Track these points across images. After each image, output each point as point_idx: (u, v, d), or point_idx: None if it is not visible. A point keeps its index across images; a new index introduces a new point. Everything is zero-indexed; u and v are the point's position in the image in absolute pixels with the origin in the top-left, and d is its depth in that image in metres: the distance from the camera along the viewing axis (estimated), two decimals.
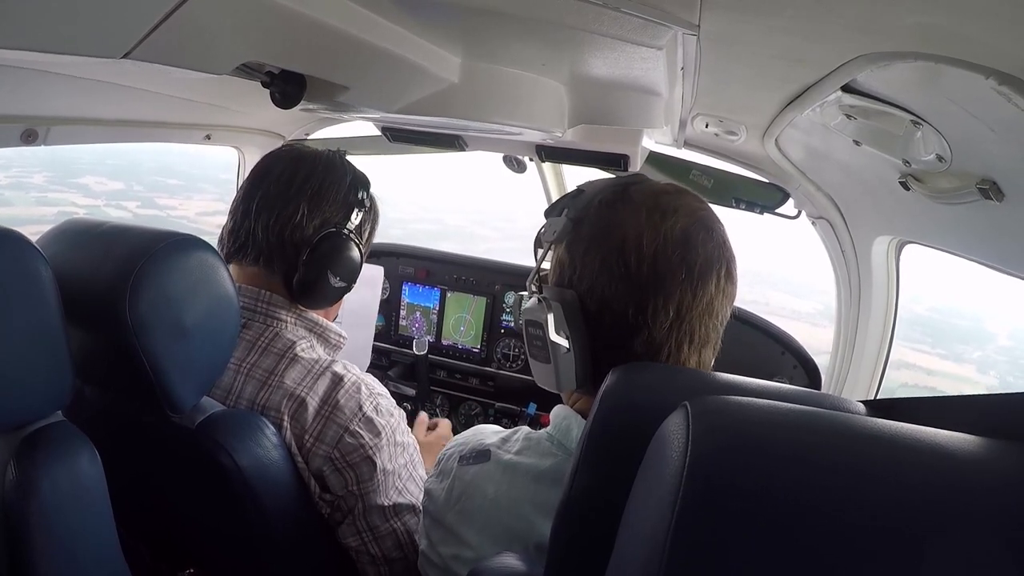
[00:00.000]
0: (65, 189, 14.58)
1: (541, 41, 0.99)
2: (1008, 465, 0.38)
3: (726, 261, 0.80)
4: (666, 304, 0.76)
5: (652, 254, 0.76)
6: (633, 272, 0.76)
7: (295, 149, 1.19)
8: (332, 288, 1.14)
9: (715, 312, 0.79)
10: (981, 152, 0.81)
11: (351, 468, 1.07)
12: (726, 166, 1.76)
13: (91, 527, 0.85)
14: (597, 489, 0.58)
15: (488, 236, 19.07)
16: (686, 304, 0.76)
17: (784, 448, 0.39)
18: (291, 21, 0.78)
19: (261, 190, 1.11)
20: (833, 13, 0.64)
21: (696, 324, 0.77)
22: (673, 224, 0.77)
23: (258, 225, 1.10)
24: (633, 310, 0.76)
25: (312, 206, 1.11)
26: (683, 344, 0.78)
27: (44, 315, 0.79)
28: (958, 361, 11.14)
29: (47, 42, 0.60)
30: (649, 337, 0.77)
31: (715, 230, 0.80)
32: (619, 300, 0.76)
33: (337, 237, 1.13)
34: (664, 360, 0.78)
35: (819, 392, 0.71)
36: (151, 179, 17.13)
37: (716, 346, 0.82)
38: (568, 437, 0.82)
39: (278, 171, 1.12)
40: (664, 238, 0.76)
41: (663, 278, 0.76)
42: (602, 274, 0.77)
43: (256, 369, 1.08)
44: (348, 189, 1.16)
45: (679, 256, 0.76)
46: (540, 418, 2.12)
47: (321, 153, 1.17)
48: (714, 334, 0.81)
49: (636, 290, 0.76)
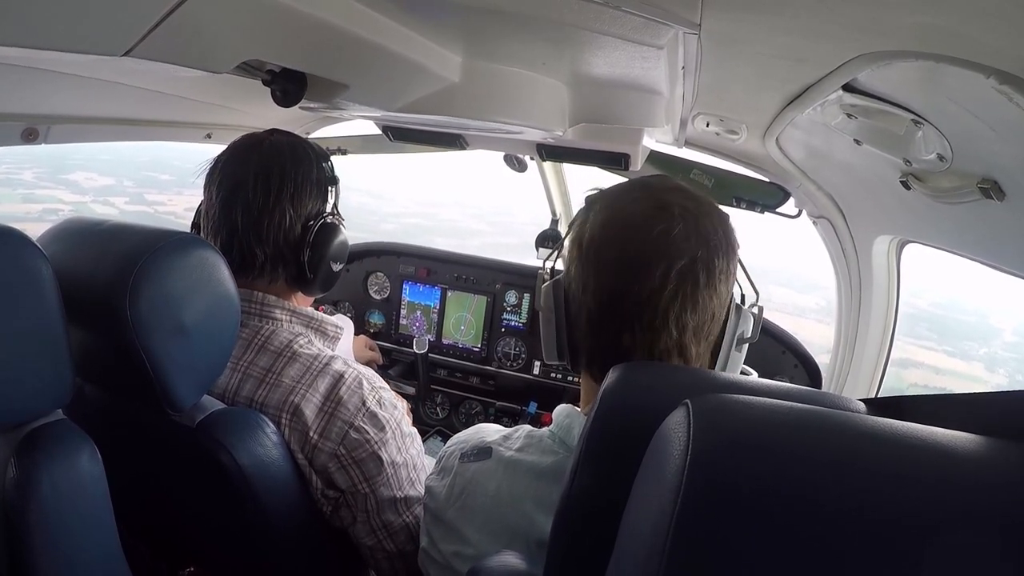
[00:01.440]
0: (54, 185, 14.33)
1: (542, 40, 0.99)
2: (1008, 464, 0.38)
3: (710, 256, 0.77)
4: (639, 292, 0.76)
5: (633, 249, 0.77)
6: (611, 262, 0.79)
7: (253, 143, 1.13)
8: (333, 273, 1.19)
9: (699, 303, 0.77)
10: (982, 151, 0.81)
11: (357, 465, 1.07)
12: (727, 165, 1.76)
13: (91, 525, 0.85)
14: (598, 487, 0.58)
15: (483, 231, 18.83)
16: (657, 293, 0.75)
17: (785, 446, 0.39)
18: (292, 19, 0.78)
19: (240, 203, 1.08)
20: (834, 12, 0.64)
21: (668, 314, 0.76)
22: (655, 218, 0.78)
23: (250, 240, 1.09)
24: (607, 297, 0.79)
25: (296, 205, 1.11)
26: (660, 331, 0.77)
27: (45, 313, 0.79)
28: (966, 359, 10.75)
29: (48, 39, 0.60)
30: (623, 321, 0.78)
31: (703, 226, 0.78)
32: (596, 290, 0.80)
33: (326, 227, 1.15)
34: (648, 345, 0.78)
35: (820, 391, 0.71)
36: (143, 174, 16.88)
37: (709, 337, 0.80)
38: (570, 435, 0.82)
39: (251, 178, 1.09)
40: (642, 231, 0.77)
41: (637, 269, 0.76)
42: (576, 272, 0.82)
43: (253, 367, 1.08)
44: (317, 172, 1.15)
45: (652, 249, 0.76)
46: (541, 417, 2.12)
47: (282, 143, 1.14)
48: (702, 327, 0.79)
49: (610, 279, 0.78)
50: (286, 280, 1.15)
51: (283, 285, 1.15)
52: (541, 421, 2.10)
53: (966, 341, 11.30)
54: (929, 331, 10.53)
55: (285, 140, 1.15)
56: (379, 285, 2.37)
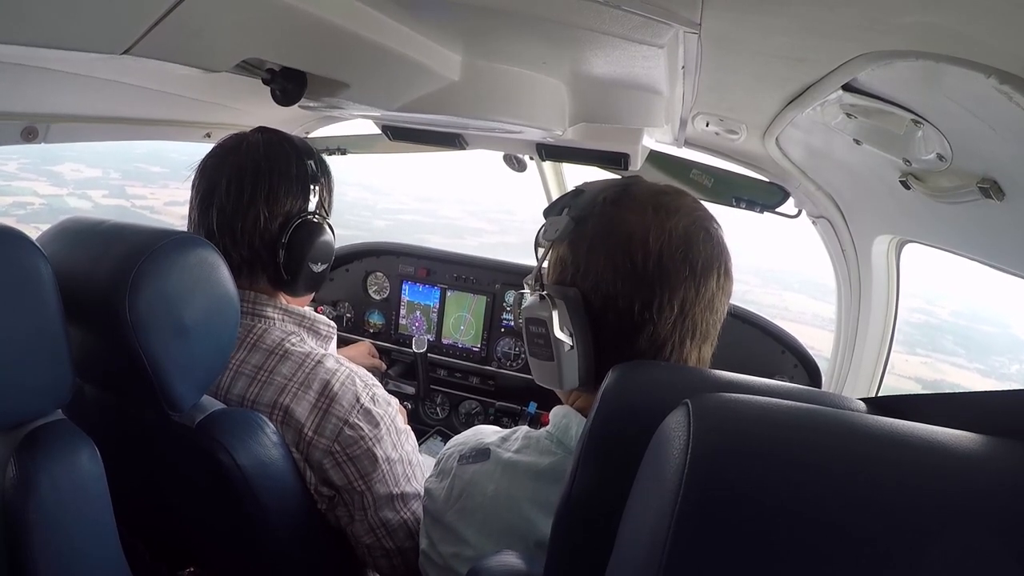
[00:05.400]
0: (35, 177, 13.86)
1: (542, 39, 0.99)
2: (1009, 463, 0.38)
3: (724, 260, 0.81)
4: (671, 300, 0.77)
5: (658, 250, 0.77)
6: (639, 268, 0.77)
7: (231, 145, 1.13)
8: (315, 274, 1.16)
9: (715, 308, 0.80)
10: (982, 151, 0.81)
11: (352, 461, 1.07)
12: (726, 165, 1.76)
13: (91, 525, 0.85)
14: (597, 487, 0.58)
15: (483, 229, 18.46)
16: (689, 300, 0.77)
17: (785, 446, 0.39)
18: (292, 17, 0.78)
19: (215, 206, 1.09)
20: (834, 12, 0.64)
21: (699, 320, 0.79)
22: (676, 223, 0.78)
23: (226, 242, 1.09)
24: (639, 306, 0.77)
25: (271, 205, 1.10)
26: (686, 339, 0.79)
27: (44, 313, 0.79)
28: (1001, 379, 10.09)
29: (48, 37, 0.60)
30: (654, 333, 0.77)
31: (712, 230, 0.81)
32: (625, 296, 0.77)
33: (304, 227, 1.12)
34: (667, 356, 0.79)
35: (820, 391, 0.71)
36: (134, 166, 16.48)
37: (714, 342, 0.84)
38: (567, 435, 0.82)
39: (224, 182, 1.09)
40: (669, 235, 0.77)
41: (668, 274, 0.77)
42: (607, 271, 0.78)
43: (245, 366, 1.08)
44: (297, 170, 1.13)
45: (682, 253, 0.77)
46: (540, 417, 2.12)
47: (258, 142, 1.13)
48: (713, 330, 0.82)
49: (642, 286, 0.77)
50: (268, 281, 1.14)
51: (267, 286, 1.15)
52: (541, 421, 2.10)
53: (995, 356, 10.69)
54: (955, 345, 10.03)
55: (263, 139, 1.14)
56: (378, 285, 2.37)
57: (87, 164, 15.61)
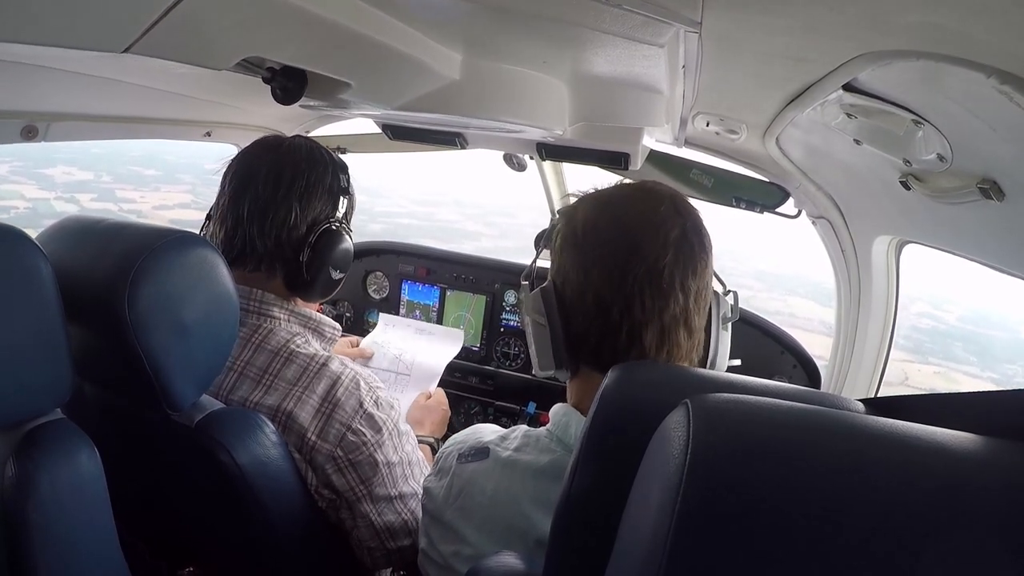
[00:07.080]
0: (24, 180, 13.53)
1: (543, 38, 0.99)
2: (1006, 463, 0.38)
3: (680, 245, 0.82)
4: (633, 292, 0.80)
5: (610, 240, 0.83)
6: (589, 247, 0.83)
7: (273, 144, 1.17)
8: (332, 280, 1.18)
9: (677, 292, 0.82)
10: (982, 152, 0.81)
11: (353, 467, 1.07)
12: (727, 165, 1.75)
13: (90, 524, 0.84)
14: (597, 486, 0.58)
15: (481, 232, 18.24)
16: (650, 291, 0.80)
17: (784, 446, 0.39)
18: (293, 16, 0.78)
19: (249, 194, 1.11)
20: (834, 12, 0.64)
21: (658, 306, 0.81)
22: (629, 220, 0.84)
23: (253, 231, 1.10)
24: (605, 300, 0.81)
25: (303, 205, 1.12)
26: (651, 330, 0.81)
27: (44, 312, 0.79)
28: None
29: (49, 35, 0.60)
30: (631, 326, 0.80)
31: (682, 216, 0.84)
32: (591, 290, 0.82)
33: (330, 232, 1.15)
34: (641, 338, 0.81)
35: (819, 391, 0.71)
36: (128, 169, 16.17)
37: (695, 330, 0.85)
38: (567, 433, 0.82)
39: (264, 173, 1.11)
40: (623, 230, 0.83)
41: (625, 266, 0.81)
42: (575, 268, 0.84)
43: (250, 367, 1.08)
44: (332, 179, 1.17)
45: (633, 245, 0.81)
46: (540, 417, 2.12)
47: (300, 145, 1.17)
48: (691, 317, 0.83)
49: (605, 282, 0.81)
50: (283, 280, 1.15)
51: (280, 285, 1.15)
52: (540, 421, 2.10)
53: (1007, 364, 10.49)
54: (966, 352, 9.87)
55: (305, 143, 1.18)
56: (378, 284, 2.36)
57: (80, 167, 15.37)
